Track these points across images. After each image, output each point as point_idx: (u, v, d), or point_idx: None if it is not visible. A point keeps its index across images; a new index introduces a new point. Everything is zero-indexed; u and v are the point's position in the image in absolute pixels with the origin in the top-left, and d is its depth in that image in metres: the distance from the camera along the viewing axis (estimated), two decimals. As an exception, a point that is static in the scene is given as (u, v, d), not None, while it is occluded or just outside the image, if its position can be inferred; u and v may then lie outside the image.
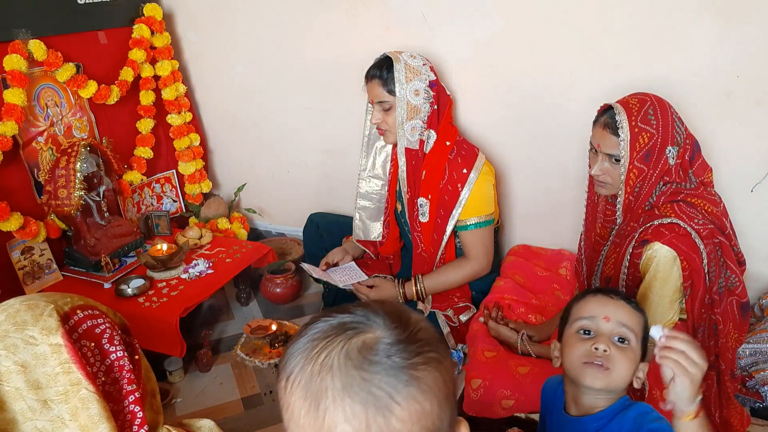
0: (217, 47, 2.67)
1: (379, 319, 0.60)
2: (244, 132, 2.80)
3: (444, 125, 1.92)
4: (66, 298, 0.76)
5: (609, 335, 1.04)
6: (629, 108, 1.40)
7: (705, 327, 1.44)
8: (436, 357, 0.59)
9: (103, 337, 0.75)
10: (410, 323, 0.61)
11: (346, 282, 2.04)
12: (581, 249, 1.72)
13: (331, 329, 0.60)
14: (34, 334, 0.69)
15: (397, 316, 0.61)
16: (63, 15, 2.23)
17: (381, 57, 1.89)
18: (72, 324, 0.72)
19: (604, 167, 1.47)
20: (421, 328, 0.61)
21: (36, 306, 0.72)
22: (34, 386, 0.67)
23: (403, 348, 0.57)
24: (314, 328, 0.61)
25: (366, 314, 0.61)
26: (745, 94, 1.78)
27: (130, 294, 2.05)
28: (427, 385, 0.57)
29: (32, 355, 0.68)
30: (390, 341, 0.58)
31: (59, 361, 0.69)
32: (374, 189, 2.15)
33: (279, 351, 2.13)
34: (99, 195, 2.21)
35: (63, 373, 0.68)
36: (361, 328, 0.59)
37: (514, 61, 2.06)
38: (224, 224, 2.70)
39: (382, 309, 0.62)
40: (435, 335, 0.62)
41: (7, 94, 2.00)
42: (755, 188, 1.86)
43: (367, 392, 0.55)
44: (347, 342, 0.58)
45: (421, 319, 0.63)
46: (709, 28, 1.75)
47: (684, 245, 1.36)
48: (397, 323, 0.60)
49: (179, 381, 2.04)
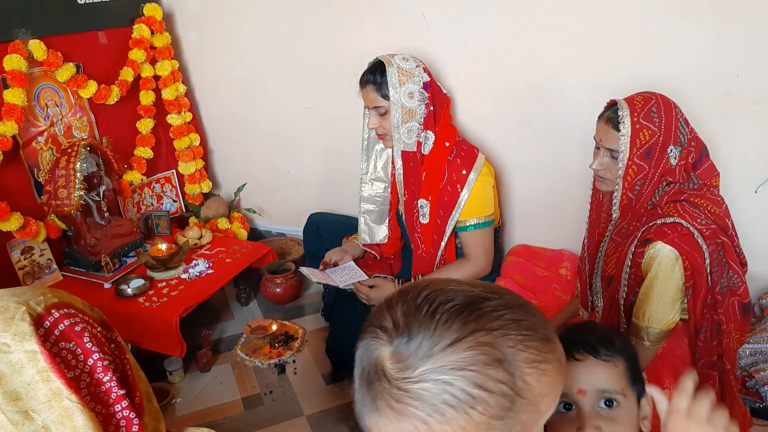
0: (217, 47, 2.67)
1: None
2: (244, 132, 2.80)
3: (443, 125, 1.91)
4: (39, 296, 0.71)
5: (592, 407, 0.88)
6: (633, 104, 1.40)
7: (707, 327, 1.43)
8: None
9: (83, 336, 0.69)
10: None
11: (346, 282, 2.04)
12: (585, 247, 1.72)
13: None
14: (7, 341, 0.64)
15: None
16: (63, 15, 2.23)
17: (374, 61, 1.88)
18: (47, 327, 0.67)
19: (604, 162, 1.47)
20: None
21: (6, 309, 0.66)
22: (13, 397, 0.63)
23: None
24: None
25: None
26: (745, 94, 1.78)
27: (130, 294, 2.05)
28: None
29: (6, 364, 0.63)
30: None
31: (37, 369, 0.64)
32: (377, 192, 2.14)
33: (279, 351, 2.13)
34: (99, 195, 2.21)
35: (42, 381, 0.64)
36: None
37: (514, 61, 2.06)
38: (224, 224, 2.70)
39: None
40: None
41: (7, 94, 2.00)
42: (759, 189, 1.86)
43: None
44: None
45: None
46: (709, 28, 1.75)
47: (686, 245, 1.35)
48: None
49: (179, 381, 2.04)
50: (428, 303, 0.59)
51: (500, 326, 0.57)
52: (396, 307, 0.61)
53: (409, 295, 0.61)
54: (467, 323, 0.57)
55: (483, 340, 0.56)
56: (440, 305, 0.58)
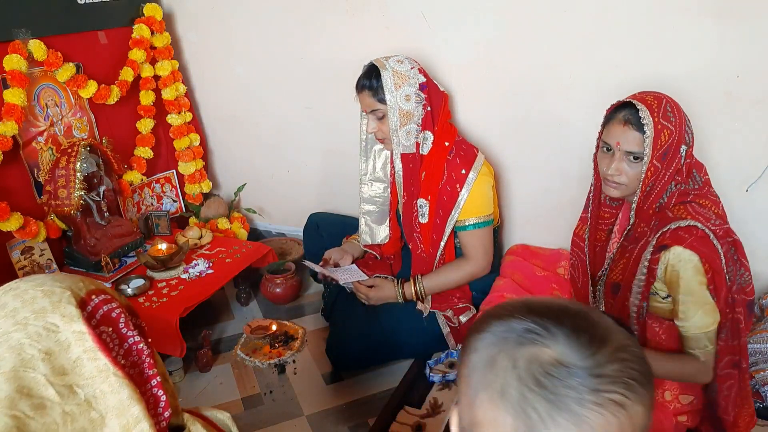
0: (217, 47, 2.67)
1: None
2: (244, 132, 2.80)
3: (442, 124, 1.91)
4: (78, 282, 0.76)
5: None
6: (649, 104, 1.35)
7: (729, 327, 1.39)
8: (619, 400, 0.50)
9: (119, 321, 0.74)
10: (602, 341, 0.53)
11: (346, 281, 2.05)
12: (579, 254, 1.68)
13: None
14: (56, 321, 0.69)
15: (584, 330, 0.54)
16: (63, 15, 2.23)
17: (368, 66, 1.88)
18: (90, 310, 0.72)
19: (621, 167, 1.40)
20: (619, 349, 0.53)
21: (52, 292, 0.71)
22: (60, 372, 0.68)
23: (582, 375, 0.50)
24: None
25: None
26: (744, 94, 1.78)
27: (130, 294, 2.05)
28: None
29: (55, 342, 0.69)
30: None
31: (83, 348, 0.69)
32: (377, 192, 2.14)
33: (279, 351, 2.13)
34: (99, 195, 2.21)
35: (88, 360, 0.69)
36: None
37: (514, 61, 2.06)
38: (224, 224, 2.70)
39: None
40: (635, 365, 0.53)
41: (7, 94, 2.00)
42: (750, 188, 1.86)
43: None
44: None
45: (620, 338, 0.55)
46: (709, 28, 1.75)
47: (704, 248, 1.32)
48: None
49: (179, 381, 2.04)
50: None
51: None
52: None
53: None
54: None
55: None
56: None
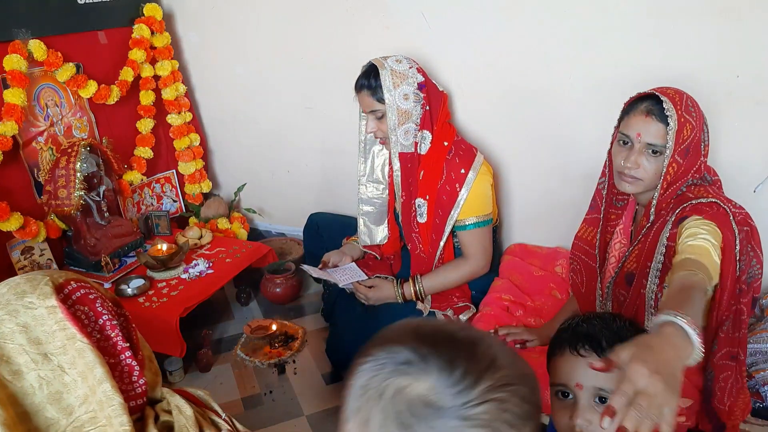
0: (217, 47, 2.67)
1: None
2: (244, 132, 2.80)
3: (441, 124, 1.91)
4: (61, 273, 0.88)
5: (588, 401, 0.93)
6: (671, 97, 1.31)
7: (731, 319, 1.35)
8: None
9: (95, 303, 0.85)
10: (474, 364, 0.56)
11: (345, 281, 2.04)
12: (583, 259, 1.64)
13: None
14: (32, 300, 0.80)
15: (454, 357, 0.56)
16: (63, 15, 2.23)
17: (367, 66, 1.88)
18: (66, 292, 0.83)
19: (639, 160, 1.35)
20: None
21: (34, 278, 0.83)
22: (35, 342, 0.79)
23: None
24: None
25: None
26: (745, 94, 1.78)
27: (130, 294, 2.05)
28: None
29: (32, 317, 0.79)
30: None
31: (55, 320, 0.80)
32: (375, 193, 2.14)
33: (279, 351, 2.12)
34: (99, 195, 2.21)
35: (59, 330, 0.79)
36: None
37: (513, 60, 2.06)
38: (224, 224, 2.70)
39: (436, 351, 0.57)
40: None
41: (7, 94, 2.00)
42: (758, 189, 1.86)
43: None
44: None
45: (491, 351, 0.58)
46: (710, 28, 1.75)
47: (723, 224, 1.25)
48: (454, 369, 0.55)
49: (179, 381, 2.04)
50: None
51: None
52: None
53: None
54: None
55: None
56: None
